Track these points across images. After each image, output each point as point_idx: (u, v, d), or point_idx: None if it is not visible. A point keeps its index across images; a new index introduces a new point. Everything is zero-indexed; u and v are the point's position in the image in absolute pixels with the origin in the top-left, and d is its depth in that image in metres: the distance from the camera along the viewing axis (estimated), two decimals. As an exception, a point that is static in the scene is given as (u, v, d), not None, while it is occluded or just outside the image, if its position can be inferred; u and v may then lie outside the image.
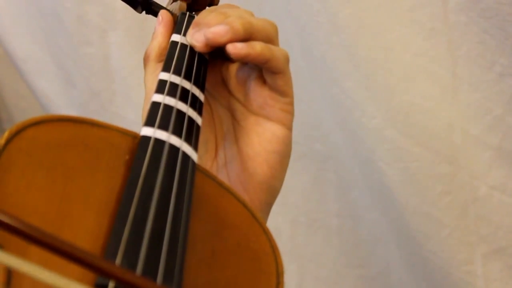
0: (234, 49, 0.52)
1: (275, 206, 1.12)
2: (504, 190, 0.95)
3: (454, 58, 0.92)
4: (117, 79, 1.14)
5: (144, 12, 0.64)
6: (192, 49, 0.56)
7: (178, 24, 0.60)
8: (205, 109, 0.58)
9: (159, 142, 0.46)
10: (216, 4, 0.66)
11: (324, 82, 0.99)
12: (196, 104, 0.52)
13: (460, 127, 0.94)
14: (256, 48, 0.53)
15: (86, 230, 0.40)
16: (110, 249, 0.39)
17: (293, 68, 1.09)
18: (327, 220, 1.09)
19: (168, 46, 0.57)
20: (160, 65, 0.57)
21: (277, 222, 1.10)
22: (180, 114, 0.50)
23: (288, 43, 1.01)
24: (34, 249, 0.33)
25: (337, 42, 0.94)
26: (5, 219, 0.31)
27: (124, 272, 0.33)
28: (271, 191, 0.57)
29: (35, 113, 1.25)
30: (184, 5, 0.63)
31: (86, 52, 1.13)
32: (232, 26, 0.52)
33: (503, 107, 0.92)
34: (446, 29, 0.91)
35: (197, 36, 0.54)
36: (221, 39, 0.52)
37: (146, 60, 0.59)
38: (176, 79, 0.53)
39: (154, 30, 0.60)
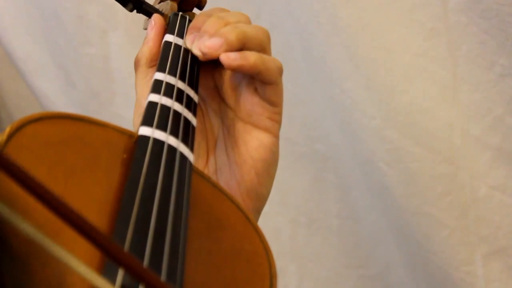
0: (227, 59, 0.52)
1: (275, 206, 1.12)
2: (504, 190, 0.95)
3: (454, 58, 0.92)
4: (117, 79, 1.14)
5: (135, 11, 0.64)
6: (186, 50, 0.57)
7: (171, 25, 0.60)
8: (197, 114, 0.58)
9: (158, 143, 0.47)
10: (204, 4, 0.67)
11: (324, 82, 0.99)
12: (191, 105, 0.53)
13: (460, 127, 0.94)
14: (250, 59, 0.53)
15: None
16: None
17: (293, 68, 1.09)
18: (327, 220, 1.09)
19: (162, 47, 0.58)
20: (151, 70, 0.58)
21: (277, 222, 1.10)
22: (177, 115, 0.50)
23: (289, 44, 1.01)
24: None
25: (338, 42, 0.94)
26: (32, 183, 0.31)
27: (135, 260, 0.33)
28: (259, 198, 0.57)
29: (35, 113, 1.25)
30: (175, 5, 0.64)
31: (86, 52, 1.13)
32: (227, 38, 0.53)
33: (503, 107, 0.92)
34: (446, 30, 0.91)
35: (195, 48, 0.55)
36: (217, 53, 0.53)
37: (136, 65, 0.59)
38: (172, 80, 0.53)
39: (146, 34, 0.60)
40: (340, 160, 1.05)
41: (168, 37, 0.58)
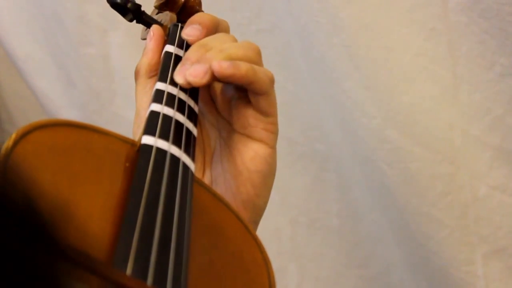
0: (220, 68, 0.52)
1: (275, 206, 1.12)
2: (504, 190, 0.95)
3: (454, 58, 0.92)
4: (117, 79, 1.14)
5: (135, 21, 0.64)
6: None
7: (171, 35, 0.60)
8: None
9: (161, 152, 0.47)
10: None
11: (324, 82, 0.99)
12: (192, 116, 0.53)
13: (460, 127, 0.94)
14: (241, 69, 0.52)
15: (91, 236, 0.40)
16: (119, 256, 0.39)
17: (293, 68, 1.08)
18: (327, 220, 1.09)
19: (162, 57, 0.58)
20: (150, 81, 0.58)
21: (277, 222, 1.10)
22: (179, 124, 0.51)
23: (289, 43, 1.01)
24: None
25: (337, 42, 0.94)
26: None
27: (138, 283, 0.33)
28: (256, 210, 0.57)
29: (35, 114, 1.25)
30: (175, 16, 0.64)
31: (86, 52, 1.13)
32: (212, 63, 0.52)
33: (503, 107, 0.92)
34: (446, 29, 0.91)
35: (178, 76, 0.54)
36: (202, 81, 0.52)
37: (136, 75, 0.59)
38: (173, 90, 0.53)
39: (145, 45, 0.60)
40: (340, 160, 1.05)
41: (169, 48, 0.58)
